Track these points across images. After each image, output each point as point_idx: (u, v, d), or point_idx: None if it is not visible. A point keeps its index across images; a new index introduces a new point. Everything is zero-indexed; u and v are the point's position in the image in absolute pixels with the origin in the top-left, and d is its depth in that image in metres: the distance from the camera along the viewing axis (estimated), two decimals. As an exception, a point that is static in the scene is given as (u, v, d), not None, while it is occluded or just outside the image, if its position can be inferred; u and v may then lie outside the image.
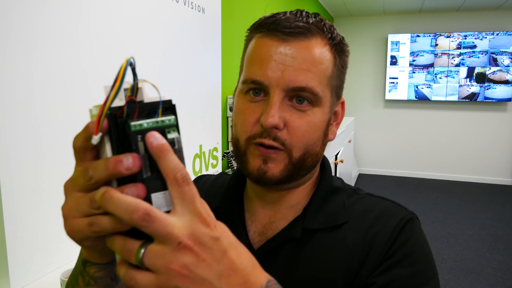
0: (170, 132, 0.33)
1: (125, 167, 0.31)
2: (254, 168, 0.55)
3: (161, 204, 0.32)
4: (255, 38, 0.58)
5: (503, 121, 5.35)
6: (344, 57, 0.59)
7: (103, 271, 0.44)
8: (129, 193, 0.31)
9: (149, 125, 0.32)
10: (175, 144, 0.33)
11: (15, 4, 0.90)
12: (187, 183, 0.32)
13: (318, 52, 0.54)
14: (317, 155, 0.58)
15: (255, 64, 0.55)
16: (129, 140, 0.31)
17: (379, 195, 0.64)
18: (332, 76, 0.57)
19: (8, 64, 0.90)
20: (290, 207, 0.62)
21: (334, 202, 0.61)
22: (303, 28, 0.54)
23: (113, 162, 0.31)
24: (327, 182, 0.63)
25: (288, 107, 0.54)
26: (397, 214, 0.58)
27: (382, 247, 0.55)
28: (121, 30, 1.29)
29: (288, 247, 0.58)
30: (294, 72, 0.53)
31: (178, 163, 0.32)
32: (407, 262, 0.53)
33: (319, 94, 0.54)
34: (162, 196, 0.32)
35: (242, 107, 0.57)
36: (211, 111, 1.99)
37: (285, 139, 0.54)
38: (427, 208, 4.30)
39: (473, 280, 2.80)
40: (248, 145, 0.56)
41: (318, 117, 0.55)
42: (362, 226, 0.58)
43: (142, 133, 0.32)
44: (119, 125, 0.32)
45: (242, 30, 2.63)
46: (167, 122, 0.33)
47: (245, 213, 0.65)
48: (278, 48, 0.53)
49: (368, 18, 5.64)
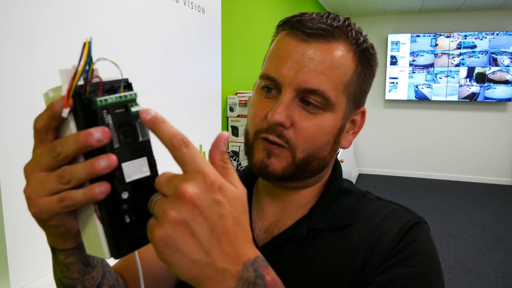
0: (133, 106, 0.35)
1: (95, 139, 0.32)
2: (258, 161, 0.56)
3: (131, 172, 0.34)
4: (279, 36, 0.58)
5: (503, 121, 5.35)
6: (369, 65, 0.58)
7: (72, 257, 0.44)
8: (101, 163, 0.32)
9: (114, 100, 0.34)
10: (137, 117, 0.35)
11: (15, 4, 0.90)
12: (185, 146, 0.32)
13: (337, 57, 0.54)
14: (324, 160, 0.57)
15: (273, 61, 0.56)
16: (95, 115, 0.33)
17: (389, 199, 0.63)
18: (350, 83, 0.56)
19: (8, 64, 0.90)
20: (298, 206, 0.62)
21: (342, 204, 0.61)
22: (325, 30, 0.53)
23: (84, 135, 0.32)
24: (337, 184, 0.63)
25: (298, 107, 0.54)
26: (404, 216, 0.58)
27: (386, 247, 0.54)
28: (121, 30, 1.29)
29: (292, 245, 0.58)
30: (308, 74, 0.52)
31: (173, 130, 0.33)
32: (409, 263, 0.53)
33: (330, 98, 0.53)
34: (132, 165, 0.35)
35: (256, 101, 0.57)
36: (211, 111, 1.99)
37: (290, 137, 0.54)
38: (427, 208, 4.30)
39: (473, 280, 2.80)
40: (255, 138, 0.56)
41: (328, 122, 0.55)
42: (369, 227, 0.58)
43: (107, 108, 0.34)
44: (84, 102, 0.33)
45: (242, 30, 2.64)
46: (129, 97, 0.35)
47: (253, 210, 0.65)
48: (297, 48, 0.54)
49: (368, 18, 5.64)
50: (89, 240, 0.37)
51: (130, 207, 0.35)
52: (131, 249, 0.36)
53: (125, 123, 0.35)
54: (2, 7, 0.87)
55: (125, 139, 0.35)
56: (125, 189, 0.34)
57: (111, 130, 0.33)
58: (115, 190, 0.34)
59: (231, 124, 2.36)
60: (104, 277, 0.52)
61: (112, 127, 0.34)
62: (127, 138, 0.35)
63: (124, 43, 1.30)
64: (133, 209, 0.35)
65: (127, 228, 0.35)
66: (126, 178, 0.34)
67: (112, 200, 0.34)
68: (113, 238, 0.35)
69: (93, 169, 0.32)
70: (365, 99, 0.61)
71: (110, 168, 0.33)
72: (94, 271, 0.49)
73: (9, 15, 0.89)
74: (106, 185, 0.33)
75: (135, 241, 0.36)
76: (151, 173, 0.36)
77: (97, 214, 0.35)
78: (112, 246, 0.35)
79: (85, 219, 0.37)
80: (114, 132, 0.34)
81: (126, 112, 0.35)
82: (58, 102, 0.33)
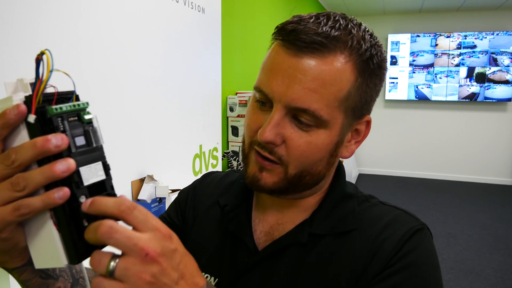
0: (86, 114, 0.37)
1: (53, 144, 0.33)
2: (250, 173, 0.55)
3: (88, 176, 0.36)
4: (274, 45, 0.54)
5: (503, 121, 5.35)
6: (373, 74, 0.53)
7: (26, 273, 0.43)
8: (60, 167, 0.33)
9: (68, 109, 0.36)
10: (92, 124, 0.37)
11: (15, 4, 0.90)
12: (133, 208, 0.35)
13: (331, 72, 0.50)
14: (318, 174, 0.56)
15: (265, 74, 0.53)
16: (51, 122, 0.34)
17: (392, 204, 0.62)
18: (348, 97, 0.52)
19: (8, 64, 0.90)
20: (299, 211, 0.61)
21: (344, 208, 0.60)
22: (319, 43, 0.49)
23: (41, 141, 0.32)
24: (340, 188, 0.62)
25: (289, 124, 0.51)
26: (407, 223, 0.57)
27: (387, 254, 0.53)
28: (121, 30, 1.29)
29: (292, 251, 0.58)
30: (298, 91, 0.49)
31: (116, 200, 0.35)
32: (409, 273, 0.52)
33: (322, 117, 0.50)
34: (89, 169, 0.36)
35: (250, 111, 0.56)
36: (211, 111, 1.99)
37: (282, 155, 0.52)
38: (427, 208, 4.30)
39: (473, 280, 2.80)
40: (250, 149, 0.56)
41: (321, 139, 0.52)
42: (371, 233, 0.56)
43: (62, 116, 0.35)
44: (39, 110, 0.34)
45: (242, 30, 2.64)
46: (81, 105, 0.37)
47: (254, 212, 0.64)
48: (288, 61, 0.50)
49: (368, 18, 5.64)
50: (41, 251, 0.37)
51: None
52: (89, 253, 0.36)
53: (79, 130, 0.36)
54: (2, 7, 0.87)
55: (80, 145, 0.36)
56: (83, 193, 0.35)
57: (68, 136, 0.35)
58: (73, 194, 0.34)
59: (231, 124, 2.36)
60: (76, 285, 0.51)
61: (68, 134, 0.35)
62: (82, 144, 0.36)
63: (124, 43, 1.30)
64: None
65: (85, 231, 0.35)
66: (84, 182, 0.35)
67: (70, 204, 0.34)
68: (72, 243, 0.35)
69: (52, 173, 0.32)
70: (370, 108, 0.57)
71: (69, 172, 0.33)
72: (59, 282, 0.48)
73: (9, 15, 0.89)
74: (65, 190, 0.33)
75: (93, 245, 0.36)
76: (106, 176, 0.38)
77: (53, 220, 0.35)
78: (71, 251, 0.35)
79: (37, 228, 0.36)
80: (71, 138, 0.35)
81: (79, 120, 0.37)
82: (11, 111, 0.33)
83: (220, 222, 0.65)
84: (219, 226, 0.64)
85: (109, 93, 1.25)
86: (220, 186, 0.71)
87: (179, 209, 0.72)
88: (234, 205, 0.64)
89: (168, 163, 1.62)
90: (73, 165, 0.34)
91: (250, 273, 0.58)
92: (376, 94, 0.57)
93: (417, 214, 0.60)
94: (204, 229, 0.67)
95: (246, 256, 0.60)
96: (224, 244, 0.63)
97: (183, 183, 1.65)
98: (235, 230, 0.62)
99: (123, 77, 1.30)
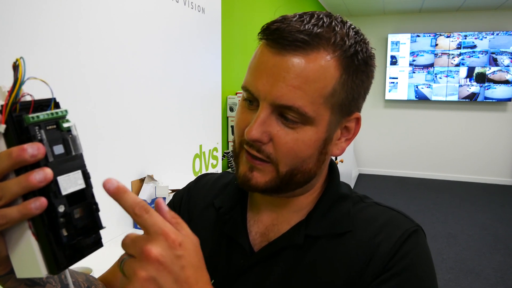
0: (65, 122, 0.36)
1: (29, 154, 0.32)
2: (241, 173, 0.55)
3: (67, 185, 0.35)
4: (259, 45, 0.56)
5: (503, 121, 5.35)
6: (359, 71, 0.53)
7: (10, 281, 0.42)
8: (37, 177, 0.32)
9: (45, 117, 0.35)
10: (71, 132, 0.36)
11: (15, 5, 0.90)
12: (145, 212, 0.37)
13: (314, 69, 0.50)
14: (309, 172, 0.56)
15: (251, 73, 0.54)
16: (27, 131, 0.34)
17: (386, 205, 0.62)
18: (333, 94, 0.52)
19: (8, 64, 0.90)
20: (294, 211, 0.61)
21: (339, 210, 0.60)
22: (302, 41, 0.50)
23: (17, 150, 0.32)
24: (334, 188, 0.62)
25: (276, 122, 0.52)
26: (402, 225, 0.57)
27: (383, 257, 0.54)
28: (121, 30, 1.29)
29: (289, 253, 0.57)
30: (282, 89, 0.50)
31: (134, 199, 0.37)
32: (406, 276, 0.53)
33: (307, 114, 0.51)
34: (67, 178, 0.35)
35: (239, 111, 0.57)
36: (211, 111, 1.99)
37: (270, 153, 0.52)
38: (427, 208, 4.30)
39: (473, 280, 2.80)
40: (240, 149, 0.56)
41: (308, 135, 0.52)
42: (366, 235, 0.56)
43: (39, 124, 0.34)
44: (15, 119, 0.34)
45: (242, 30, 2.65)
46: (60, 113, 0.36)
47: (248, 213, 0.64)
48: (272, 60, 0.51)
49: (368, 18, 5.64)
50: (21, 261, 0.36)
51: (67, 220, 0.35)
52: (69, 262, 0.35)
53: (57, 139, 0.35)
54: (2, 7, 0.87)
55: (59, 154, 0.35)
56: (61, 202, 0.34)
57: (45, 145, 0.34)
58: (51, 204, 0.34)
59: (231, 124, 2.36)
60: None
61: (45, 142, 0.34)
62: (60, 153, 0.35)
63: (124, 43, 1.30)
64: (70, 222, 0.35)
65: (64, 241, 0.35)
66: (62, 191, 0.34)
67: (48, 214, 0.34)
68: (52, 253, 0.34)
69: (28, 182, 0.32)
70: (359, 105, 0.58)
71: (46, 181, 0.33)
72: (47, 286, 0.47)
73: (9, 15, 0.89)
74: (42, 200, 0.33)
75: (73, 254, 0.35)
76: (86, 185, 0.37)
77: (31, 230, 0.35)
78: (50, 261, 0.35)
79: (17, 238, 0.36)
80: (48, 147, 0.34)
81: (58, 128, 0.36)
82: None
83: (215, 224, 0.65)
84: (214, 228, 0.64)
85: (109, 93, 1.25)
86: (215, 187, 0.71)
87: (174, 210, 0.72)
88: (229, 207, 0.64)
89: (168, 163, 1.62)
90: (50, 175, 0.33)
91: (246, 275, 0.58)
92: (365, 91, 0.57)
93: (417, 214, 0.61)
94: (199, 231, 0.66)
95: (242, 258, 0.60)
96: (220, 246, 0.63)
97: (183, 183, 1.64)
98: (230, 232, 0.62)
99: (123, 77, 1.30)
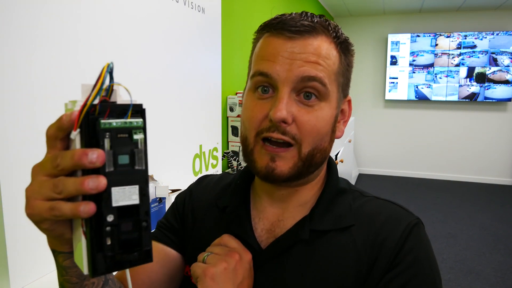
0: (136, 133, 0.36)
1: (89, 160, 0.33)
2: (262, 166, 0.55)
3: (119, 198, 0.35)
4: (262, 38, 0.58)
5: (503, 121, 5.35)
6: (350, 56, 0.60)
7: (69, 260, 0.45)
8: (90, 184, 0.33)
9: (118, 125, 0.35)
10: (138, 145, 0.36)
11: (15, 4, 0.90)
12: (216, 245, 0.61)
13: (324, 48, 0.55)
14: (325, 151, 0.58)
15: (263, 60, 0.56)
16: (97, 136, 0.34)
17: (385, 198, 0.64)
18: (339, 72, 0.57)
19: (8, 64, 0.90)
20: (299, 205, 0.62)
21: (340, 204, 0.61)
22: (309, 26, 0.54)
23: (79, 154, 0.33)
24: (334, 183, 0.64)
25: (295, 102, 0.54)
26: (403, 219, 0.59)
27: (389, 253, 0.55)
28: (121, 30, 1.29)
29: (297, 248, 0.58)
30: (302, 65, 0.53)
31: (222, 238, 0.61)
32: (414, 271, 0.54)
33: (327, 85, 0.55)
34: (122, 191, 0.35)
35: (250, 104, 0.57)
36: (211, 111, 1.99)
37: (295, 133, 0.54)
38: (427, 208, 4.30)
39: (473, 280, 2.80)
40: (256, 143, 0.56)
41: (325, 112, 0.56)
42: (370, 229, 0.58)
43: (110, 131, 0.34)
44: (90, 121, 0.34)
45: (242, 30, 2.65)
46: (134, 124, 0.36)
47: (253, 211, 0.65)
48: (284, 46, 0.54)
49: (368, 18, 5.64)
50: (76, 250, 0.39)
51: (113, 230, 0.35)
52: (107, 270, 0.36)
53: (125, 149, 0.35)
54: (2, 7, 0.87)
55: (122, 164, 0.35)
56: (111, 212, 0.35)
57: (108, 154, 0.34)
58: (100, 211, 0.34)
59: (231, 124, 2.36)
60: (106, 285, 0.52)
61: (109, 151, 0.34)
62: (124, 163, 0.35)
63: (124, 43, 1.30)
64: (115, 233, 0.35)
65: (106, 249, 0.35)
66: (113, 202, 0.35)
67: (97, 219, 0.35)
68: (92, 257, 0.35)
69: (82, 186, 0.33)
70: (349, 89, 0.63)
71: (97, 190, 0.33)
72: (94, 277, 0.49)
73: (9, 15, 0.89)
74: (91, 206, 0.34)
75: (112, 264, 0.36)
76: (140, 202, 0.36)
77: (83, 229, 0.36)
78: (89, 263, 0.35)
79: (75, 230, 0.39)
80: (111, 156, 0.34)
81: (129, 138, 0.35)
82: (66, 116, 0.35)
83: (219, 224, 0.66)
84: (219, 228, 0.65)
85: (109, 93, 1.25)
86: (216, 188, 0.72)
87: (177, 212, 0.72)
88: (234, 206, 0.65)
89: (168, 163, 1.62)
90: (103, 184, 0.33)
91: (257, 272, 0.59)
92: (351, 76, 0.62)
93: (417, 214, 0.63)
94: (204, 233, 0.67)
95: None
96: None
97: (183, 183, 1.65)
98: (237, 230, 0.62)
99: (123, 77, 1.30)
